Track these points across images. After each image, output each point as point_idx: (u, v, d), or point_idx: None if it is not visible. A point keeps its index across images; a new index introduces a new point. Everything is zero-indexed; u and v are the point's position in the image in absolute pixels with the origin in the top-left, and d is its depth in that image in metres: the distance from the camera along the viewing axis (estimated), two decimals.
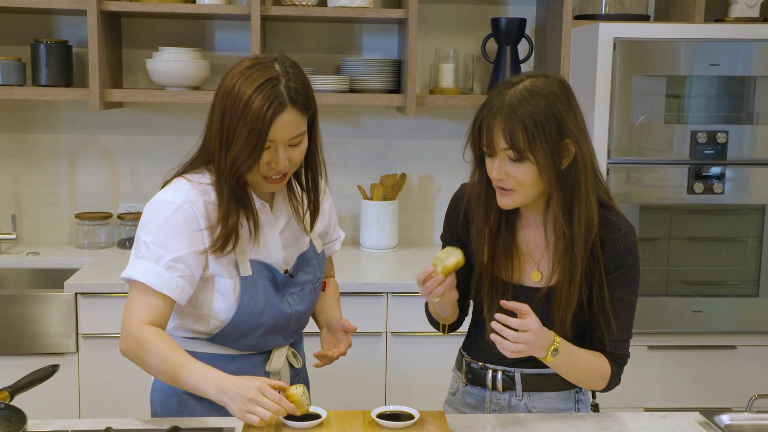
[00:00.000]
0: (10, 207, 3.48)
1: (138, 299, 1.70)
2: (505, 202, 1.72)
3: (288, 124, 1.68)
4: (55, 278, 3.16)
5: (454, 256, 1.71)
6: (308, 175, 1.85)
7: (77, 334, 2.90)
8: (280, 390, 1.63)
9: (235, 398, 1.58)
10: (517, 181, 1.68)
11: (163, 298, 1.69)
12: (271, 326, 1.83)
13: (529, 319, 1.64)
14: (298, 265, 1.88)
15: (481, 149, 1.72)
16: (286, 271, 1.86)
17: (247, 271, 1.78)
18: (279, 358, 1.88)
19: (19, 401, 1.65)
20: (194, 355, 1.78)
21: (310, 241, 1.93)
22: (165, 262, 1.69)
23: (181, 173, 1.78)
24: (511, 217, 1.81)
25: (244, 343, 1.83)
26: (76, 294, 2.88)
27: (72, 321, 2.88)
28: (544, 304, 1.77)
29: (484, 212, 1.79)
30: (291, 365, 1.94)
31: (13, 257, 3.25)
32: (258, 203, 1.80)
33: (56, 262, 3.23)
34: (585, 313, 1.78)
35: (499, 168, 1.68)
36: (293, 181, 1.86)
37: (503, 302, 1.68)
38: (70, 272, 3.10)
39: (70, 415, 2.91)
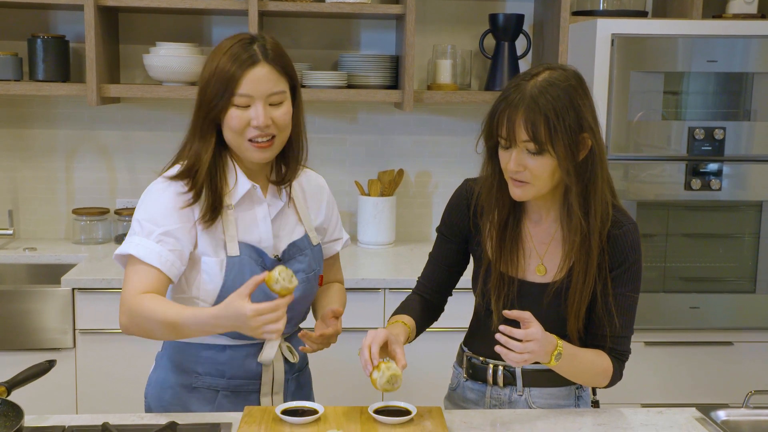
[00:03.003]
0: (7, 202, 3.48)
1: (132, 274, 1.72)
2: (518, 192, 1.72)
3: (263, 77, 1.71)
4: (52, 274, 3.16)
5: (397, 379, 1.70)
6: (287, 149, 1.86)
7: (74, 329, 2.89)
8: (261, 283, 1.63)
9: (241, 327, 1.60)
10: (533, 173, 1.68)
11: (155, 272, 1.71)
12: None
13: (533, 328, 1.64)
14: (289, 252, 1.87)
15: (496, 141, 1.72)
16: (276, 257, 1.85)
17: (234, 251, 1.78)
18: (271, 349, 1.86)
19: (16, 396, 1.65)
20: (185, 343, 1.82)
21: (305, 232, 1.92)
22: (155, 235, 1.71)
23: (174, 163, 1.82)
24: (518, 212, 1.82)
25: (234, 332, 1.79)
26: (73, 289, 2.88)
27: (69, 316, 2.88)
28: (553, 299, 1.78)
29: (495, 204, 1.80)
30: (286, 359, 1.92)
31: (10, 253, 3.25)
32: (249, 184, 1.81)
33: (53, 258, 3.22)
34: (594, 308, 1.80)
35: (516, 160, 1.68)
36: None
37: (506, 312, 1.69)
38: (67, 268, 3.10)
39: (67, 410, 2.91)
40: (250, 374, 1.87)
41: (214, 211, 1.76)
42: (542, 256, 1.81)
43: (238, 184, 1.80)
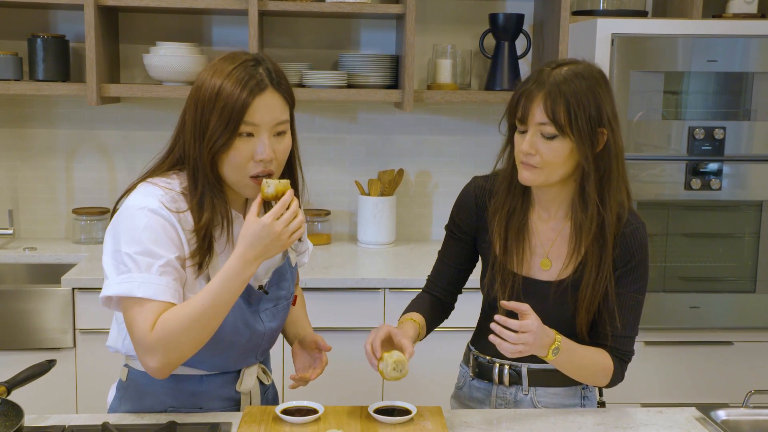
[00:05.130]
0: (7, 202, 3.48)
1: (138, 314, 1.55)
2: (526, 176, 1.72)
3: (271, 105, 1.59)
4: (52, 273, 3.16)
5: (403, 365, 1.69)
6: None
7: (74, 329, 2.89)
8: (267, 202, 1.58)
9: (269, 245, 1.55)
10: (544, 158, 1.68)
11: (165, 305, 1.57)
12: (244, 346, 1.74)
13: (529, 319, 1.64)
14: (274, 280, 1.78)
15: (515, 124, 1.73)
16: (260, 287, 1.76)
17: None
18: (250, 377, 1.80)
19: (16, 396, 1.65)
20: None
21: (285, 254, 1.83)
22: (156, 268, 1.56)
23: (145, 178, 1.68)
24: (526, 203, 1.82)
25: (214, 364, 1.74)
26: (74, 289, 2.88)
27: (69, 316, 2.88)
28: (559, 297, 1.78)
29: (506, 191, 1.81)
30: (261, 382, 1.86)
31: (10, 252, 3.25)
32: (232, 213, 1.69)
33: (53, 258, 3.22)
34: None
35: (530, 142, 1.69)
36: None
37: (503, 302, 1.69)
38: (67, 267, 3.10)
39: (67, 410, 2.91)
40: (228, 403, 1.79)
41: (206, 256, 1.63)
42: (547, 252, 1.81)
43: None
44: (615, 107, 1.73)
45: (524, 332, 1.63)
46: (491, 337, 1.64)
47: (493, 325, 1.64)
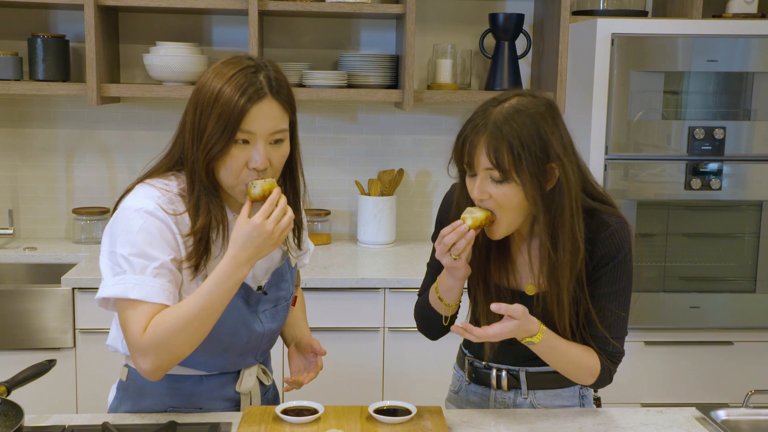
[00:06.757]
0: (7, 202, 3.48)
1: (132, 315, 1.56)
2: (492, 233, 1.68)
3: (269, 114, 1.58)
4: (52, 273, 3.16)
5: (481, 211, 1.65)
6: (287, 186, 1.74)
7: (74, 329, 2.90)
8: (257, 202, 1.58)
9: (261, 246, 1.55)
10: (497, 202, 1.63)
11: (158, 307, 1.57)
12: (243, 347, 1.74)
13: (517, 306, 1.62)
14: (273, 281, 1.78)
15: (463, 166, 1.67)
16: (259, 288, 1.76)
17: None
18: (250, 377, 1.80)
19: (16, 396, 1.65)
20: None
21: (284, 255, 1.83)
22: (150, 270, 1.56)
23: (143, 179, 1.68)
24: (503, 239, 1.76)
25: (214, 365, 1.74)
26: (74, 289, 2.88)
27: (69, 316, 2.88)
28: (541, 309, 1.76)
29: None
30: (261, 382, 1.86)
31: (10, 252, 3.25)
32: (230, 215, 1.69)
33: (53, 257, 3.23)
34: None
35: (480, 188, 1.63)
36: None
37: (493, 306, 1.62)
38: (67, 267, 3.10)
39: (67, 410, 2.91)
40: (228, 403, 1.79)
41: (202, 257, 1.63)
42: (536, 274, 1.76)
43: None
44: (566, 138, 1.65)
45: (510, 316, 1.61)
46: (454, 329, 1.64)
47: (464, 324, 1.63)
